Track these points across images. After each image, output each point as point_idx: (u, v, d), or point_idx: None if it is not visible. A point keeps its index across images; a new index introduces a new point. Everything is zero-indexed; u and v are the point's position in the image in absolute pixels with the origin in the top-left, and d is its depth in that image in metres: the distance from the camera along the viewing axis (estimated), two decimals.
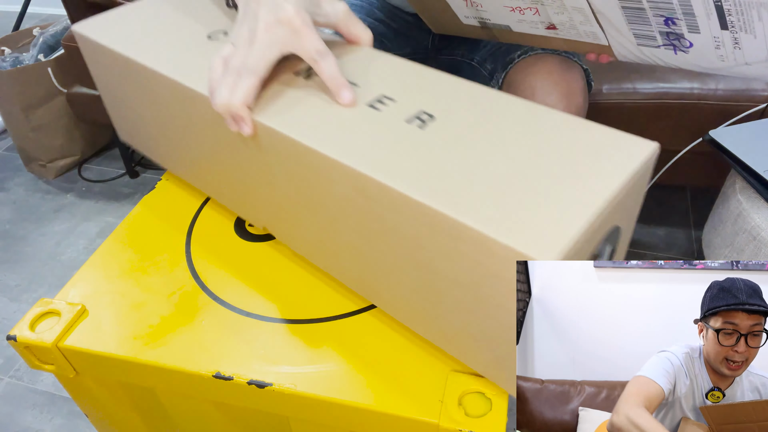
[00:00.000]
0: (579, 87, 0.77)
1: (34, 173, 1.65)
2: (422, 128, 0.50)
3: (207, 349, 0.55)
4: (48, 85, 1.48)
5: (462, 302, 0.46)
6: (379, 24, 0.95)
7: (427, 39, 0.96)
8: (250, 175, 0.58)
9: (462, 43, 0.95)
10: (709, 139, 0.88)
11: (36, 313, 0.59)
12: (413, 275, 0.48)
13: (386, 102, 0.53)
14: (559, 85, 0.76)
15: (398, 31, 0.95)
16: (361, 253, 0.52)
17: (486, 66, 0.89)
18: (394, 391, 0.50)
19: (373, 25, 0.94)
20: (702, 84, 1.05)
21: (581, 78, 0.79)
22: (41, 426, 1.05)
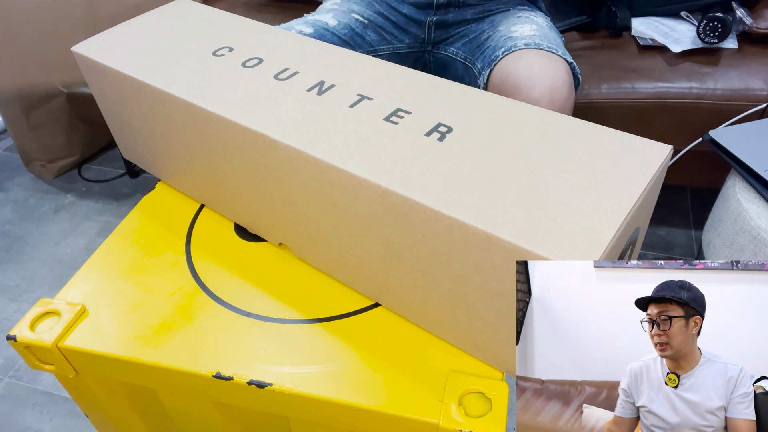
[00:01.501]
0: (563, 81, 0.77)
1: (34, 173, 1.65)
2: (441, 140, 0.50)
3: (207, 349, 0.55)
4: (48, 85, 1.48)
5: (492, 310, 0.47)
6: (378, 16, 0.95)
7: (424, 33, 0.97)
8: (268, 193, 0.58)
9: (457, 41, 0.95)
10: (709, 139, 0.88)
11: (36, 313, 0.59)
12: (443, 287, 0.49)
13: (403, 115, 0.54)
14: (543, 80, 0.76)
15: (396, 25, 0.96)
16: (388, 266, 0.52)
17: (476, 65, 0.89)
18: (394, 391, 0.50)
19: (372, 16, 0.95)
20: (701, 84, 1.05)
21: (566, 72, 0.79)
22: (41, 426, 1.05)
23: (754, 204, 0.80)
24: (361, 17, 0.94)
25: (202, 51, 0.65)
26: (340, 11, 0.94)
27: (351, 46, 0.91)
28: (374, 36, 0.94)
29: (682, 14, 1.15)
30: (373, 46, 0.94)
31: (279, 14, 1.33)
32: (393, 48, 0.97)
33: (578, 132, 0.50)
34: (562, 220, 0.43)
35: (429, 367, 0.52)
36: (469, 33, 0.95)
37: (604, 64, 1.11)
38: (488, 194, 0.45)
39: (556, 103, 0.76)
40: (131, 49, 0.66)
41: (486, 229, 0.42)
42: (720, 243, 0.86)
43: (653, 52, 1.12)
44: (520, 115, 0.53)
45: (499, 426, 0.47)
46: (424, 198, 0.45)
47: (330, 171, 0.50)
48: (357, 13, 0.94)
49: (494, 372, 0.51)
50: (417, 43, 0.98)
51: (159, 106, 0.62)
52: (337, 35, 0.90)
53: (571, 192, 0.45)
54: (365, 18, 0.94)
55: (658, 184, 0.49)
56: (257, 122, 0.54)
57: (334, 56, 0.63)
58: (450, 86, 0.58)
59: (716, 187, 0.95)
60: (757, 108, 1.00)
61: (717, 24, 1.04)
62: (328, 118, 0.54)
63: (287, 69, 0.61)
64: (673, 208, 1.39)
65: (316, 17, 0.93)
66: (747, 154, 0.83)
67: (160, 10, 0.75)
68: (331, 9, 0.95)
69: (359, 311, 0.58)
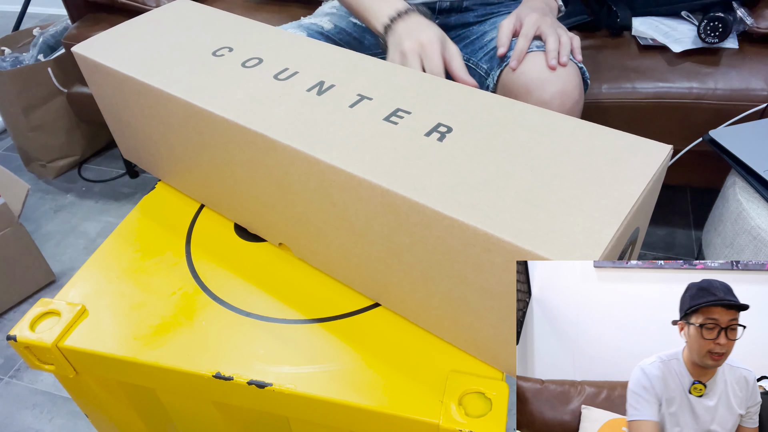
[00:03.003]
0: (574, 84, 0.77)
1: (34, 173, 1.65)
2: (441, 140, 0.50)
3: (207, 349, 0.55)
4: (48, 85, 1.47)
5: (492, 310, 0.46)
6: None
7: None
8: (268, 193, 0.58)
9: (457, 42, 0.95)
10: (709, 139, 0.88)
11: (36, 313, 0.59)
12: (443, 287, 0.49)
13: (403, 115, 0.54)
14: (554, 83, 0.76)
15: None
16: (388, 266, 0.52)
17: (482, 66, 0.89)
18: (394, 391, 0.50)
19: None
20: (701, 84, 1.05)
21: (576, 75, 0.79)
22: (41, 426, 1.05)
23: (754, 204, 0.80)
24: (359, 22, 0.94)
25: (202, 51, 0.65)
26: (338, 15, 0.94)
27: None
28: (372, 40, 0.94)
29: (683, 14, 1.15)
30: (372, 50, 0.94)
31: (279, 14, 1.33)
32: None
33: (578, 132, 0.50)
34: (562, 220, 0.43)
35: (429, 367, 0.52)
36: (471, 35, 0.95)
37: (604, 64, 1.11)
38: (488, 194, 0.45)
39: (566, 107, 0.76)
40: (131, 49, 0.66)
41: (486, 229, 0.42)
42: (720, 243, 0.86)
43: (653, 52, 1.12)
44: (519, 115, 0.53)
45: (499, 426, 0.46)
46: (424, 198, 0.45)
47: (330, 171, 0.49)
48: (354, 18, 0.94)
49: (494, 372, 0.51)
50: None
51: (159, 106, 0.62)
52: (332, 39, 0.90)
53: (571, 192, 0.45)
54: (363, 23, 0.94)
55: (658, 184, 0.49)
56: (257, 122, 0.54)
57: (334, 56, 0.63)
58: (450, 86, 0.58)
59: (716, 187, 0.95)
60: (757, 108, 1.00)
61: (717, 24, 1.04)
62: (328, 118, 0.54)
63: (287, 69, 0.61)
64: (673, 208, 1.39)
65: (312, 20, 0.93)
66: (747, 154, 0.83)
67: (160, 10, 0.75)
68: (329, 13, 0.95)
69: (359, 311, 0.58)
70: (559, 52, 0.78)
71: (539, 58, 0.78)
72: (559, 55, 0.77)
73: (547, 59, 0.77)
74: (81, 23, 1.37)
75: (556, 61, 0.77)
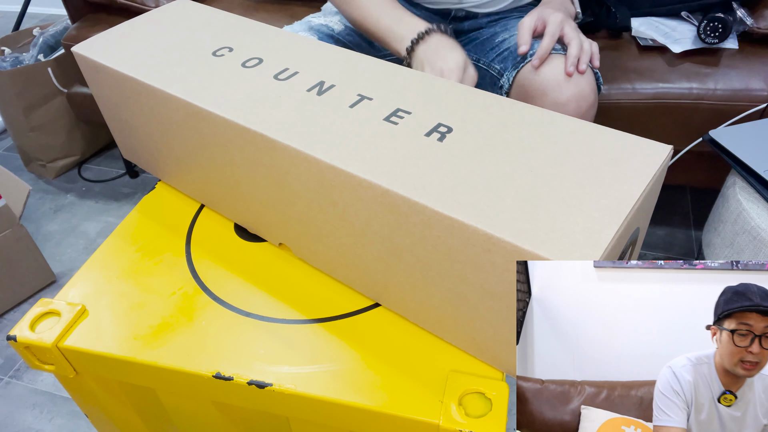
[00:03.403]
0: (590, 88, 0.77)
1: (34, 173, 1.65)
2: (441, 141, 0.50)
3: (207, 349, 0.55)
4: (48, 85, 1.47)
5: (492, 310, 0.47)
6: None
7: None
8: (268, 193, 0.58)
9: (467, 44, 0.95)
10: (709, 139, 0.88)
11: (36, 313, 0.59)
12: (443, 287, 0.49)
13: (403, 115, 0.54)
14: (571, 86, 0.76)
15: None
16: (388, 266, 0.52)
17: (494, 67, 0.89)
18: (394, 391, 0.50)
19: None
20: (701, 84, 1.05)
21: (592, 79, 0.79)
22: (41, 426, 1.05)
23: (754, 204, 0.80)
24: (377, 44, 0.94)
25: (202, 51, 0.65)
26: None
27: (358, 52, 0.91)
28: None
29: (683, 14, 1.15)
30: (381, 51, 0.94)
31: (279, 13, 1.33)
32: None
33: (578, 132, 0.50)
34: (562, 221, 0.43)
35: (429, 367, 0.52)
36: (481, 36, 0.94)
37: (604, 65, 1.11)
38: (488, 194, 0.45)
39: (582, 109, 0.76)
40: (131, 49, 0.66)
41: (486, 229, 0.42)
42: (720, 243, 0.86)
43: (653, 53, 1.12)
44: (520, 115, 0.53)
45: (499, 426, 0.46)
46: (424, 198, 0.45)
47: (330, 171, 0.49)
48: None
49: (494, 372, 0.51)
50: None
51: (159, 106, 0.62)
52: (342, 42, 0.90)
53: (571, 192, 0.45)
54: None
55: (658, 184, 0.49)
56: (257, 122, 0.54)
57: (334, 56, 0.63)
58: (450, 86, 0.58)
59: (716, 187, 0.95)
60: (757, 108, 1.00)
61: (717, 24, 1.04)
62: (328, 118, 0.54)
63: (287, 69, 0.61)
64: (673, 208, 1.39)
65: (322, 21, 0.92)
66: (747, 154, 0.83)
67: (160, 10, 0.75)
68: (338, 12, 0.95)
69: (359, 311, 0.58)
70: (579, 59, 0.77)
71: (559, 60, 0.78)
72: (578, 62, 0.77)
73: (566, 64, 0.76)
74: (81, 23, 1.37)
75: (575, 68, 0.76)
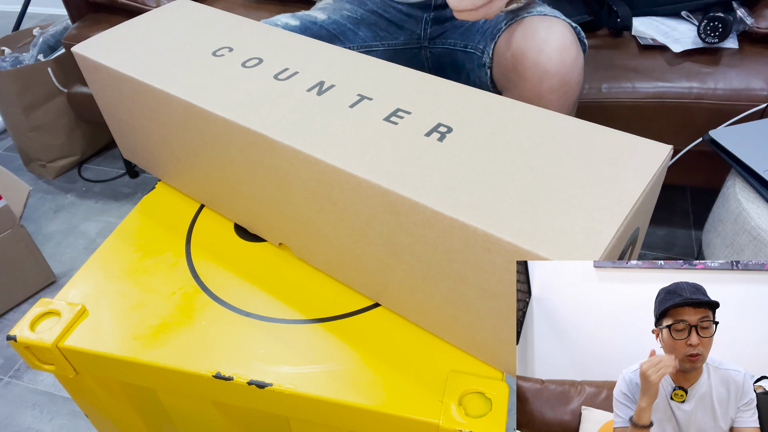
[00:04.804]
0: (570, 41, 0.76)
1: (34, 173, 1.65)
2: (441, 140, 0.50)
3: (207, 349, 0.55)
4: (48, 85, 1.47)
5: (492, 310, 0.47)
6: (371, 14, 0.95)
7: (420, 29, 0.96)
8: (268, 193, 0.58)
9: (454, 31, 0.95)
10: (709, 139, 0.88)
11: (36, 313, 0.59)
12: (443, 287, 0.49)
13: (403, 115, 0.54)
14: (550, 42, 0.75)
15: (391, 21, 0.96)
16: (388, 266, 0.52)
17: (478, 47, 0.89)
18: (394, 391, 0.50)
19: (364, 15, 0.94)
20: (701, 84, 1.05)
21: (571, 33, 0.78)
22: (41, 426, 1.05)
23: (754, 204, 0.80)
24: (354, 15, 0.94)
25: (202, 51, 0.65)
26: (331, 8, 0.95)
27: (340, 41, 0.91)
28: (367, 32, 0.94)
29: (683, 14, 1.15)
30: (367, 41, 0.94)
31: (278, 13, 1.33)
32: (387, 44, 0.96)
33: (578, 132, 0.50)
34: (562, 220, 0.43)
35: (429, 367, 0.52)
36: (465, 22, 0.95)
37: (604, 64, 1.11)
38: (488, 194, 0.45)
39: (566, 64, 0.75)
40: (131, 49, 0.66)
41: (486, 229, 0.42)
42: (720, 243, 0.86)
43: (654, 52, 1.12)
44: (520, 115, 0.53)
45: (499, 426, 0.46)
46: (424, 198, 0.45)
47: (330, 171, 0.50)
48: (348, 11, 0.94)
49: (494, 372, 0.51)
50: (413, 40, 0.98)
51: (159, 106, 0.62)
52: (326, 28, 0.90)
53: (571, 192, 0.45)
54: (357, 16, 0.94)
55: (658, 184, 0.49)
56: (257, 122, 0.54)
57: (334, 56, 0.63)
58: (450, 86, 0.58)
59: (716, 187, 0.95)
60: (757, 108, 1.00)
61: (717, 24, 1.04)
62: (328, 118, 0.54)
63: (287, 69, 0.61)
64: (673, 208, 1.39)
65: (305, 12, 0.93)
66: (747, 154, 0.83)
67: (160, 10, 0.75)
68: (323, 8, 0.96)
69: (359, 311, 0.58)
70: None
71: (531, 21, 0.77)
72: None
73: None
74: (81, 23, 1.37)
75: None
